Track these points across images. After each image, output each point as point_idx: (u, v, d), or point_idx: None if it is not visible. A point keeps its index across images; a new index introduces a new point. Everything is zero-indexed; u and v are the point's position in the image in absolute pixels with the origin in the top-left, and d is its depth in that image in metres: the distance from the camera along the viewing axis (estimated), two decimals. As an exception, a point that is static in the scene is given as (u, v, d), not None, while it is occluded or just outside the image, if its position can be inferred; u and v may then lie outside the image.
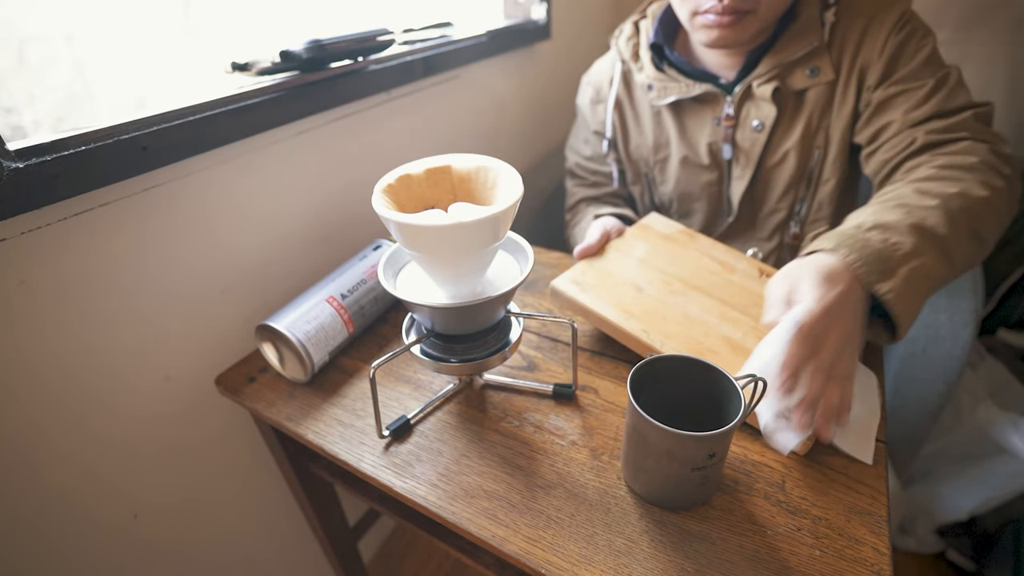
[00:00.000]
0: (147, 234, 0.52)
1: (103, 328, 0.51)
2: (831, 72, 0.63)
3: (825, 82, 0.64)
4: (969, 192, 0.51)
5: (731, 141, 0.70)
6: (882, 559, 0.37)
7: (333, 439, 0.49)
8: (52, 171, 0.41)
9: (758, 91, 0.66)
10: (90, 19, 0.53)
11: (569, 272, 0.59)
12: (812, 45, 0.63)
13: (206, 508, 0.66)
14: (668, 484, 0.40)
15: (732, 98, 0.68)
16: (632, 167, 0.81)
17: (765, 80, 0.65)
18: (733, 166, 0.72)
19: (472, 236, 0.37)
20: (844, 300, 0.44)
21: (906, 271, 0.45)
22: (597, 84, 0.81)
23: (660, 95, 0.72)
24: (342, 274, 0.60)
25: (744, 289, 0.58)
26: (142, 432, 0.56)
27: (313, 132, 0.66)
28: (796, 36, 0.64)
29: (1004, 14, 1.02)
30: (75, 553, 0.53)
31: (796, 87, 0.65)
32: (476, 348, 0.46)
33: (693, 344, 0.51)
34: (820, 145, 0.67)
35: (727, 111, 0.69)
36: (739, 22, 0.60)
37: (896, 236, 0.47)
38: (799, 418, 0.41)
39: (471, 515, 0.41)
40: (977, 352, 1.04)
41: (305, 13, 0.73)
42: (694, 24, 0.63)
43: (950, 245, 0.48)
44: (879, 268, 0.45)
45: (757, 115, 0.67)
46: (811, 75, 0.64)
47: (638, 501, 0.42)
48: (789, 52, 0.64)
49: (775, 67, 0.64)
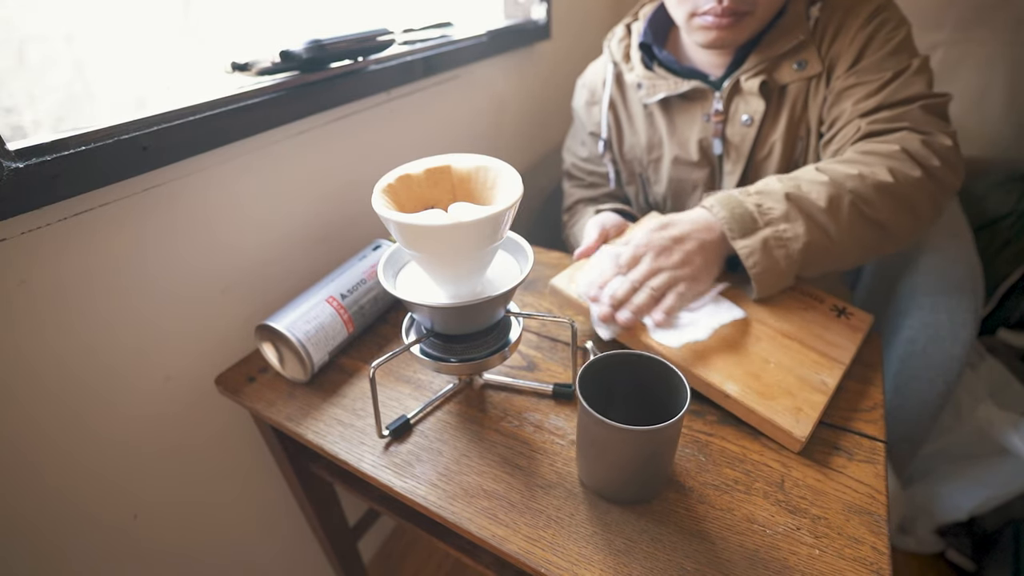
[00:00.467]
0: (147, 234, 0.52)
1: (103, 328, 0.51)
2: (819, 65, 0.64)
3: (814, 74, 0.64)
4: (867, 175, 0.55)
5: (721, 136, 0.70)
6: (881, 558, 0.37)
7: (333, 439, 0.49)
8: (52, 171, 0.41)
9: (746, 85, 0.66)
10: (90, 19, 0.53)
11: (568, 270, 0.59)
12: (798, 39, 0.63)
13: (206, 508, 0.66)
14: (616, 478, 0.40)
15: (721, 93, 0.68)
16: (627, 167, 0.82)
17: (752, 74, 0.65)
18: (724, 161, 0.72)
19: (471, 236, 0.37)
20: (701, 242, 0.54)
21: (768, 232, 0.53)
22: (591, 86, 0.82)
23: (649, 93, 0.72)
24: (342, 274, 0.60)
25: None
26: (142, 432, 0.56)
27: (313, 132, 0.66)
28: (783, 31, 0.64)
29: (1004, 14, 1.02)
30: (75, 553, 0.53)
31: (783, 80, 0.65)
32: (476, 348, 0.46)
33: (700, 350, 0.51)
34: (803, 135, 0.68)
35: (716, 107, 0.69)
36: (737, 23, 0.60)
37: (770, 202, 0.54)
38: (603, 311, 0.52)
39: (471, 515, 0.41)
40: (977, 352, 1.04)
41: (305, 13, 0.73)
42: (691, 25, 0.63)
43: (824, 219, 0.54)
44: (740, 227, 0.54)
45: (746, 110, 0.68)
46: (798, 68, 0.64)
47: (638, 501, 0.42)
48: (776, 47, 0.64)
49: (762, 61, 0.65)
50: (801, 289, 0.58)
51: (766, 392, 0.47)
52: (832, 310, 0.56)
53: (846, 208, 0.54)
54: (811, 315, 0.55)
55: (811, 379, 0.49)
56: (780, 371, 0.49)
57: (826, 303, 0.57)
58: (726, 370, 0.49)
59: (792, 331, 0.53)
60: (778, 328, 0.54)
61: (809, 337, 0.53)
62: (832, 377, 0.49)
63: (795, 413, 0.45)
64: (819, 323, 0.55)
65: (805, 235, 0.53)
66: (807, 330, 0.54)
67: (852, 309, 0.57)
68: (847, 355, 0.51)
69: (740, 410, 0.47)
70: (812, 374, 0.49)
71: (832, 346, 0.52)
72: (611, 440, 0.37)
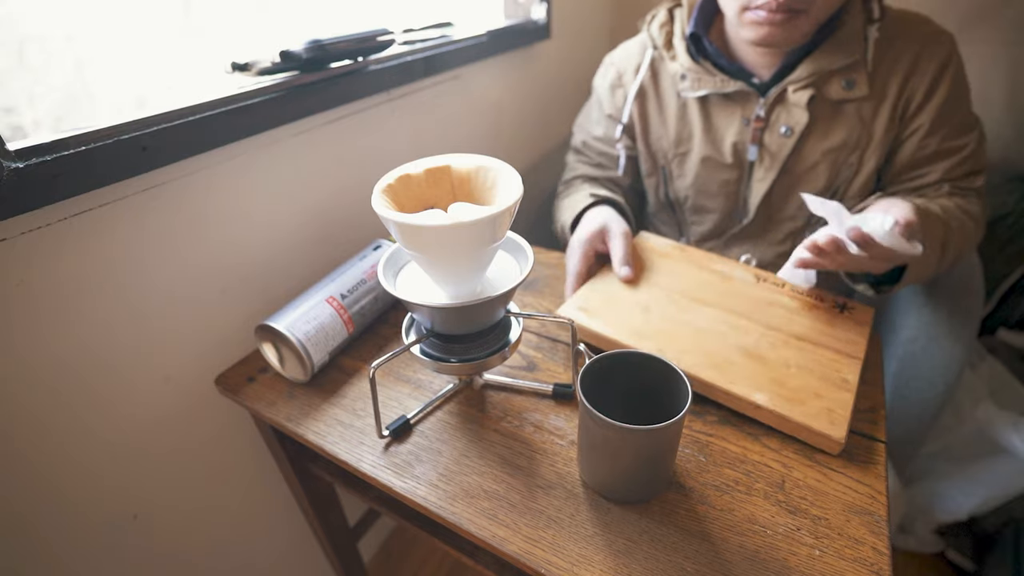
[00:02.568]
0: (147, 234, 0.52)
1: (102, 328, 0.51)
2: (866, 87, 0.63)
3: (859, 97, 0.63)
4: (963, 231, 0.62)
5: (759, 143, 0.69)
6: (882, 559, 0.37)
7: (333, 439, 0.49)
8: (52, 171, 0.41)
9: (792, 96, 0.65)
10: (90, 19, 0.53)
11: (573, 299, 0.59)
12: (853, 57, 0.62)
13: (206, 508, 0.66)
14: (617, 478, 0.40)
15: (765, 100, 0.66)
16: (650, 159, 0.79)
17: (802, 86, 0.64)
18: (756, 168, 0.70)
19: (471, 236, 0.37)
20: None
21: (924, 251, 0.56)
22: (621, 68, 0.79)
23: (694, 86, 0.70)
24: (342, 274, 0.60)
25: (746, 296, 0.58)
26: (142, 432, 0.56)
27: (313, 132, 0.66)
28: (838, 45, 0.62)
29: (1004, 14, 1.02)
30: (75, 552, 0.53)
31: (832, 97, 0.64)
32: (476, 348, 0.46)
33: (708, 356, 0.51)
34: (853, 164, 0.67)
35: (758, 112, 0.67)
36: (790, 21, 0.58)
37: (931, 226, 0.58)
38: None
39: (471, 515, 0.41)
40: (977, 352, 1.04)
41: (305, 13, 0.73)
42: (743, 20, 0.61)
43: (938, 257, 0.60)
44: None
45: (787, 120, 0.66)
46: (846, 87, 0.63)
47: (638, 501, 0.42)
48: (829, 60, 0.62)
49: (813, 74, 0.63)
50: (801, 290, 0.59)
51: (794, 397, 0.47)
52: (834, 307, 0.57)
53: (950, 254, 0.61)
54: (815, 314, 0.56)
55: (832, 378, 0.49)
56: (803, 374, 0.49)
57: (826, 301, 0.57)
58: (750, 380, 0.48)
59: (802, 332, 0.54)
60: (789, 332, 0.54)
61: (820, 336, 0.53)
62: (852, 373, 0.49)
63: (828, 415, 0.45)
64: (825, 321, 0.55)
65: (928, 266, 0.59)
66: (816, 330, 0.54)
67: (852, 303, 0.57)
68: (860, 349, 0.52)
69: (773, 419, 0.46)
70: (832, 372, 0.49)
71: (843, 342, 0.53)
72: (613, 440, 0.37)
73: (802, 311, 0.56)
